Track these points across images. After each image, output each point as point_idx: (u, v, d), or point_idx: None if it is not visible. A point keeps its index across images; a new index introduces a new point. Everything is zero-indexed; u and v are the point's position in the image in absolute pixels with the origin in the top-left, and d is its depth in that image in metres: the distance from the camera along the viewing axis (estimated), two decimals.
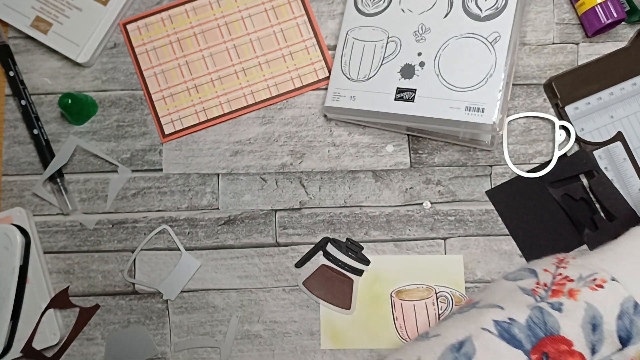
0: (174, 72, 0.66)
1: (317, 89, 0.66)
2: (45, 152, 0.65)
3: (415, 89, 0.59)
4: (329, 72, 0.65)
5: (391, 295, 0.63)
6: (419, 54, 0.60)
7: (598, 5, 0.62)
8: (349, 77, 0.62)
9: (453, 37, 0.59)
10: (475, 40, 0.58)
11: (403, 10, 0.61)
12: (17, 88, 0.66)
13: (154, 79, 0.66)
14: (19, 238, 0.62)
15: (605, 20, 0.62)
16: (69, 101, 0.61)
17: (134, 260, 0.64)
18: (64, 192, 0.64)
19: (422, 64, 0.59)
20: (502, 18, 0.58)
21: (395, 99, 0.59)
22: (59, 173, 0.65)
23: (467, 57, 0.58)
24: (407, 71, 0.60)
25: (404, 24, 0.61)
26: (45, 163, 0.65)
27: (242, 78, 0.66)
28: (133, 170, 0.66)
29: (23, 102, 0.65)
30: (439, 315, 0.62)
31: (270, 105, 0.66)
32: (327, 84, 0.65)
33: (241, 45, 0.66)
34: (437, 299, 0.63)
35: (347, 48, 0.62)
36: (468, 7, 0.59)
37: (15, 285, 0.61)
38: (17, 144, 0.66)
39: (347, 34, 0.63)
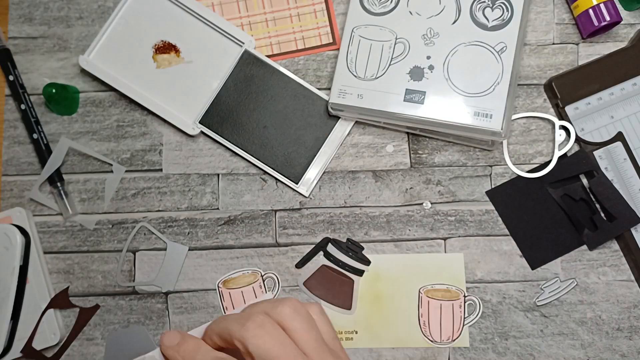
0: None
1: (317, 53, 0.66)
2: (45, 156, 0.65)
3: (425, 92, 0.59)
4: (334, 38, 0.66)
5: (218, 286, 0.63)
6: (428, 58, 0.60)
7: (591, 9, 0.62)
8: (355, 74, 0.62)
9: (462, 44, 0.60)
10: (483, 48, 0.59)
11: (411, 13, 0.61)
12: (17, 92, 0.65)
13: None
14: (19, 238, 0.62)
15: (598, 23, 0.62)
16: (53, 90, 0.62)
17: (133, 261, 0.64)
18: (64, 197, 0.64)
19: (431, 68, 0.60)
20: (508, 30, 0.59)
21: (404, 100, 0.60)
22: (59, 177, 0.65)
23: (476, 64, 0.59)
24: (416, 73, 0.60)
25: (412, 26, 0.61)
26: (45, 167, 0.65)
27: (247, 32, 0.66)
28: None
29: (23, 107, 0.65)
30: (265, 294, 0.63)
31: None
32: (328, 51, 0.66)
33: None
34: (263, 281, 0.63)
35: (353, 45, 0.62)
36: (475, 16, 0.60)
37: (15, 285, 0.61)
38: (17, 144, 0.66)
39: (352, 31, 0.63)
